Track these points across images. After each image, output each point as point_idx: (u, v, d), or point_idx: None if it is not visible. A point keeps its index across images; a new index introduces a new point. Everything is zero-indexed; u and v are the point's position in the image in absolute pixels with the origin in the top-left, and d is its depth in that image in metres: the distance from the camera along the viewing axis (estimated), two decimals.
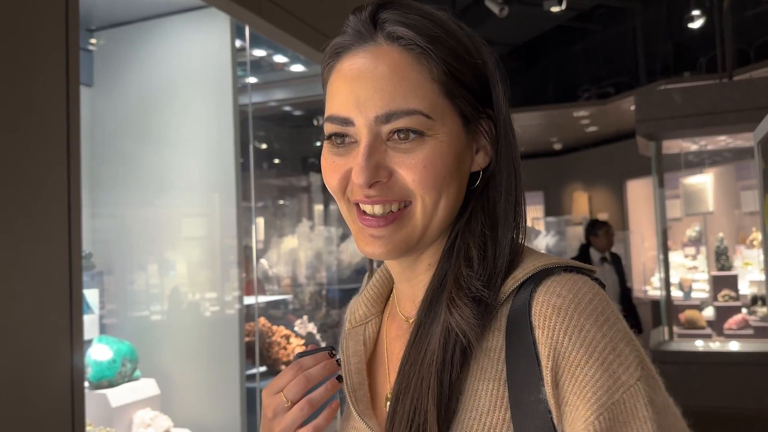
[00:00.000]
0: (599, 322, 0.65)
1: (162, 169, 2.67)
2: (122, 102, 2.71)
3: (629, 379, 0.62)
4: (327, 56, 0.78)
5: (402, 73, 0.71)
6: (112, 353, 2.39)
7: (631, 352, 0.64)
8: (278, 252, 4.69)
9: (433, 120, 0.72)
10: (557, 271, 0.71)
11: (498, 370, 0.69)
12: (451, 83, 0.73)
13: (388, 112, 0.71)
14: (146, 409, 2.43)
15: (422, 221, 0.74)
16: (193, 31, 2.63)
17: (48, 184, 1.62)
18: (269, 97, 4.14)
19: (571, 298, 0.67)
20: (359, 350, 0.85)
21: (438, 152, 0.72)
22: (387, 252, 0.75)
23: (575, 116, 9.58)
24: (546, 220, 10.83)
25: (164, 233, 2.70)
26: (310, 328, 3.61)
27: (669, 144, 5.68)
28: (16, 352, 1.51)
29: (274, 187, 5.64)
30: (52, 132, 1.64)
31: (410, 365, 0.73)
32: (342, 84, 0.74)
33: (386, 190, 0.73)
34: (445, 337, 0.70)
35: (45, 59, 1.64)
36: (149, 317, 2.69)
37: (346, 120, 0.73)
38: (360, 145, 0.72)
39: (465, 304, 0.70)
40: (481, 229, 0.76)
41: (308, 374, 0.77)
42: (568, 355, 0.64)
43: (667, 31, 9.68)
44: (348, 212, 0.77)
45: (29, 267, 1.56)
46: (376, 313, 0.89)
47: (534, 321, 0.67)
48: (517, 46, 11.56)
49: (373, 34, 0.74)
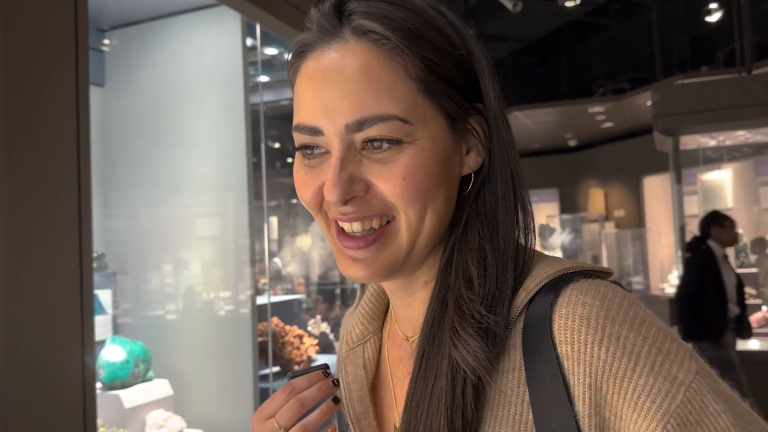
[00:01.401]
0: (636, 325, 0.59)
1: (174, 169, 2.66)
2: (134, 102, 2.70)
3: (687, 376, 0.57)
4: (292, 56, 0.69)
5: (372, 72, 0.63)
6: (125, 354, 2.39)
7: (680, 348, 0.58)
8: (291, 251, 4.68)
9: (412, 124, 0.63)
10: (575, 277, 0.63)
11: (520, 392, 0.62)
12: (430, 80, 0.64)
13: (359, 119, 0.62)
14: (159, 410, 2.42)
15: (408, 238, 0.66)
16: (204, 30, 2.62)
17: (58, 184, 1.61)
18: (281, 96, 4.13)
19: (598, 305, 0.60)
20: (359, 375, 0.78)
21: (419, 161, 0.64)
22: (370, 275, 0.67)
23: (590, 112, 9.50)
24: (561, 218, 10.75)
25: (177, 233, 2.69)
26: (323, 328, 3.59)
27: (686, 139, 5.62)
28: (27, 353, 1.50)
29: (287, 186, 5.64)
30: (62, 132, 1.63)
31: (417, 402, 0.65)
32: (308, 88, 0.65)
33: (364, 205, 0.65)
34: (453, 373, 0.63)
35: (55, 59, 1.63)
36: (162, 317, 2.68)
37: (315, 129, 0.65)
38: (331, 156, 0.64)
39: (471, 336, 0.63)
40: (479, 241, 0.68)
41: (302, 397, 0.69)
42: (609, 368, 0.58)
43: (684, 25, 9.56)
44: (327, 229, 0.69)
45: (40, 268, 1.55)
46: (374, 330, 0.81)
47: (558, 336, 0.61)
48: (531, 42, 11.48)
49: (338, 29, 0.65)
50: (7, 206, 1.46)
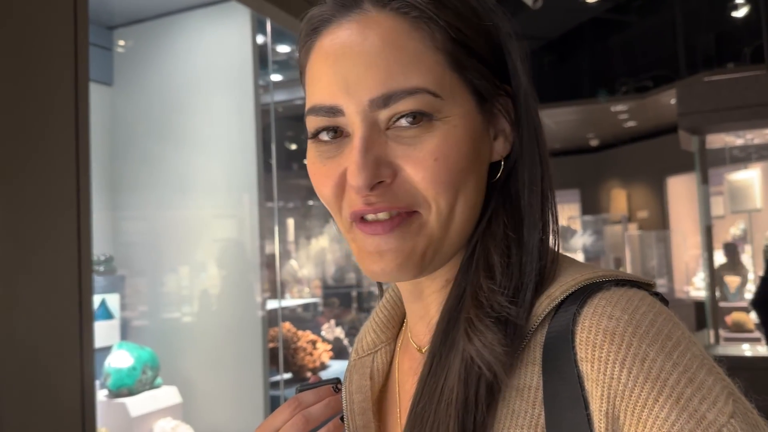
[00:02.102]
0: (667, 347, 0.50)
1: (184, 170, 2.60)
2: (143, 101, 2.65)
3: (719, 418, 0.47)
4: (302, 34, 0.63)
5: (398, 43, 0.57)
6: (132, 360, 2.32)
7: (716, 382, 0.49)
8: (307, 253, 4.62)
9: (442, 99, 0.57)
10: (606, 285, 0.55)
11: (534, 415, 0.54)
12: (459, 52, 0.58)
13: (385, 93, 0.56)
14: (167, 418, 2.35)
15: (438, 232, 0.59)
16: (214, 27, 2.56)
17: (56, 187, 1.55)
18: (296, 95, 4.06)
19: (626, 319, 0.51)
20: (364, 386, 0.71)
21: (451, 140, 0.57)
22: (398, 268, 0.59)
23: (613, 111, 9.33)
24: (583, 219, 10.58)
25: (187, 235, 2.63)
26: (337, 333, 3.51)
27: (712, 138, 5.48)
28: (24, 361, 1.44)
29: (303, 188, 5.58)
30: (60, 133, 1.57)
31: (423, 405, 0.58)
32: (324, 65, 0.59)
33: (390, 194, 0.58)
34: (466, 370, 0.55)
35: (53, 56, 1.57)
36: (171, 321, 2.62)
37: (334, 109, 0.58)
38: (354, 137, 0.58)
39: (487, 327, 0.56)
40: (504, 230, 0.61)
41: (307, 413, 0.66)
42: (629, 394, 0.49)
43: (709, 21, 9.36)
44: (347, 230, 0.62)
45: (38, 272, 1.49)
46: (386, 340, 0.74)
47: (579, 352, 0.52)
48: (551, 40, 11.32)
49: (358, 1, 0.59)
50: (3, 210, 1.40)
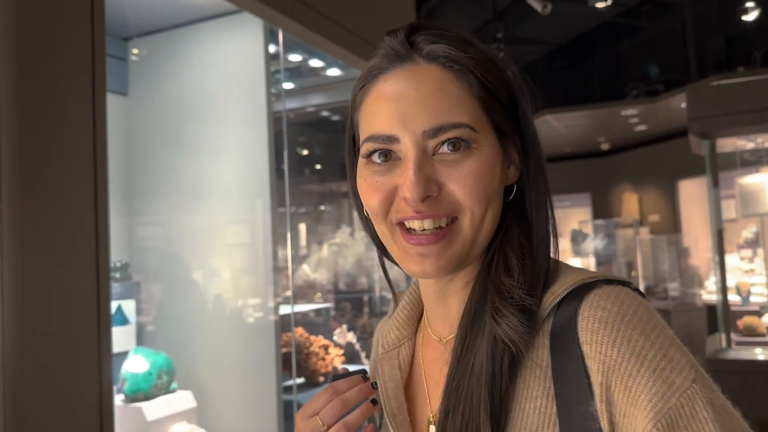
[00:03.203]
0: (646, 331, 0.65)
1: (198, 177, 2.64)
2: (158, 110, 2.69)
3: (684, 383, 0.62)
4: (362, 78, 0.79)
5: (445, 89, 0.73)
6: (148, 365, 2.36)
7: (682, 357, 0.64)
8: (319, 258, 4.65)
9: (477, 132, 0.73)
10: (598, 284, 0.71)
11: (546, 387, 0.69)
12: (487, 97, 0.75)
13: (436, 126, 0.72)
14: (182, 422, 2.39)
15: (471, 235, 0.74)
16: (227, 37, 2.60)
17: (74, 195, 1.59)
18: (307, 103, 4.10)
19: (615, 310, 0.67)
20: (395, 375, 0.85)
21: (484, 164, 0.73)
22: (438, 269, 0.74)
23: (623, 115, 9.31)
24: (594, 223, 10.55)
25: (201, 241, 2.67)
26: (349, 338, 3.54)
27: (723, 142, 5.47)
28: (43, 366, 1.48)
29: (314, 193, 5.61)
30: (79, 142, 1.61)
31: (458, 381, 0.72)
32: (384, 103, 0.74)
33: (436, 204, 0.72)
34: (493, 349, 0.70)
35: (71, 67, 1.61)
36: (186, 327, 2.66)
37: (391, 137, 0.73)
38: (408, 160, 0.72)
39: (511, 313, 0.70)
40: (519, 239, 0.77)
41: (344, 398, 0.77)
42: (618, 367, 0.64)
43: (719, 25, 9.32)
44: (390, 234, 0.77)
45: (55, 280, 1.53)
46: (408, 335, 0.89)
47: (581, 336, 0.67)
48: (561, 45, 11.31)
49: (411, 55, 0.75)
50: (22, 217, 1.44)
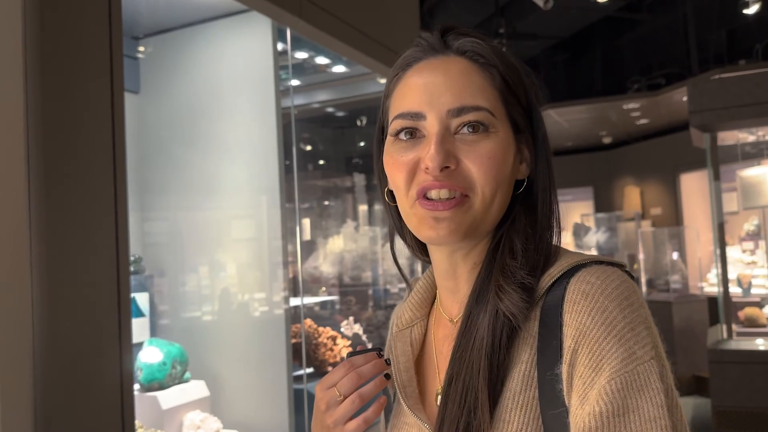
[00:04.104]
0: (622, 305, 0.71)
1: (208, 173, 2.70)
2: (168, 108, 2.75)
3: (644, 356, 0.68)
4: (396, 68, 0.88)
5: (470, 77, 0.82)
6: (162, 355, 2.43)
7: (648, 335, 0.70)
8: (324, 252, 4.71)
9: (496, 118, 0.81)
10: (588, 264, 0.77)
11: (531, 354, 0.76)
12: (507, 92, 0.83)
13: (459, 107, 0.80)
14: (196, 411, 2.46)
15: (481, 211, 0.81)
16: (236, 36, 2.65)
17: (95, 190, 1.65)
18: (312, 99, 4.15)
19: (598, 284, 0.73)
20: (407, 351, 0.92)
21: (499, 147, 0.81)
22: (449, 233, 0.80)
23: (625, 109, 9.34)
24: (596, 217, 10.58)
25: (212, 236, 2.73)
26: (356, 329, 3.60)
27: (724, 135, 5.51)
28: (66, 356, 1.54)
29: (319, 188, 5.67)
30: (98, 139, 1.67)
31: (461, 352, 0.79)
32: (414, 86, 0.83)
33: (453, 177, 0.80)
34: (494, 322, 0.77)
35: (90, 67, 1.67)
36: (198, 319, 2.72)
37: (418, 114, 0.81)
38: (430, 135, 0.80)
39: (513, 290, 0.77)
40: (524, 227, 0.84)
41: (359, 371, 0.84)
42: (588, 333, 0.70)
43: (721, 18, 9.35)
44: (410, 207, 0.83)
45: (78, 273, 1.59)
46: (421, 316, 0.96)
47: (565, 306, 0.74)
48: (563, 39, 11.33)
49: (443, 49, 0.85)
50: (45, 212, 1.50)
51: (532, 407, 0.74)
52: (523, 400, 0.75)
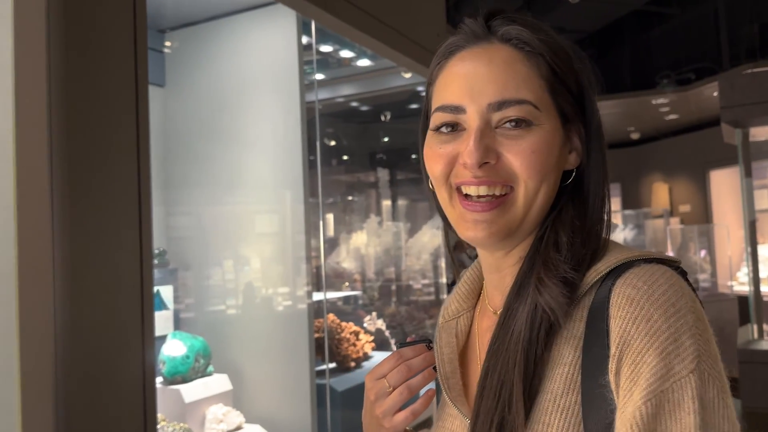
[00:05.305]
0: (668, 312, 0.67)
1: (233, 167, 2.70)
2: (193, 102, 2.75)
3: (682, 371, 0.64)
4: (439, 55, 0.84)
5: (514, 67, 0.78)
6: (185, 349, 2.43)
7: (692, 345, 0.65)
8: (347, 248, 4.70)
9: (540, 111, 0.77)
10: (638, 263, 0.73)
11: (575, 357, 0.73)
12: (555, 81, 0.79)
13: (500, 100, 0.76)
14: (219, 404, 2.46)
15: (523, 207, 0.78)
16: (261, 29, 2.64)
17: (119, 183, 1.65)
18: (336, 93, 4.14)
19: (645, 289, 0.69)
20: (452, 342, 0.91)
21: (544, 140, 0.77)
22: (488, 235, 0.78)
23: (654, 104, 9.20)
24: (624, 213, 10.45)
25: (236, 230, 2.73)
26: (379, 325, 3.59)
27: (756, 131, 5.38)
28: (89, 349, 1.54)
29: (342, 183, 5.66)
30: (122, 132, 1.67)
31: (498, 345, 0.77)
32: (455, 76, 0.80)
33: (493, 172, 0.77)
34: (532, 316, 0.74)
35: (115, 60, 1.67)
36: (222, 313, 2.73)
37: (458, 107, 0.78)
38: (470, 130, 0.77)
39: (554, 284, 0.74)
40: (572, 220, 0.80)
41: (409, 363, 0.85)
42: (632, 342, 0.67)
43: (753, 12, 9.14)
44: (449, 198, 0.81)
45: (101, 266, 1.59)
46: (467, 308, 0.94)
47: (611, 311, 0.70)
48: (590, 33, 11.19)
49: (487, 36, 0.80)
50: (69, 205, 1.50)
51: (573, 412, 0.71)
52: (564, 404, 0.72)
